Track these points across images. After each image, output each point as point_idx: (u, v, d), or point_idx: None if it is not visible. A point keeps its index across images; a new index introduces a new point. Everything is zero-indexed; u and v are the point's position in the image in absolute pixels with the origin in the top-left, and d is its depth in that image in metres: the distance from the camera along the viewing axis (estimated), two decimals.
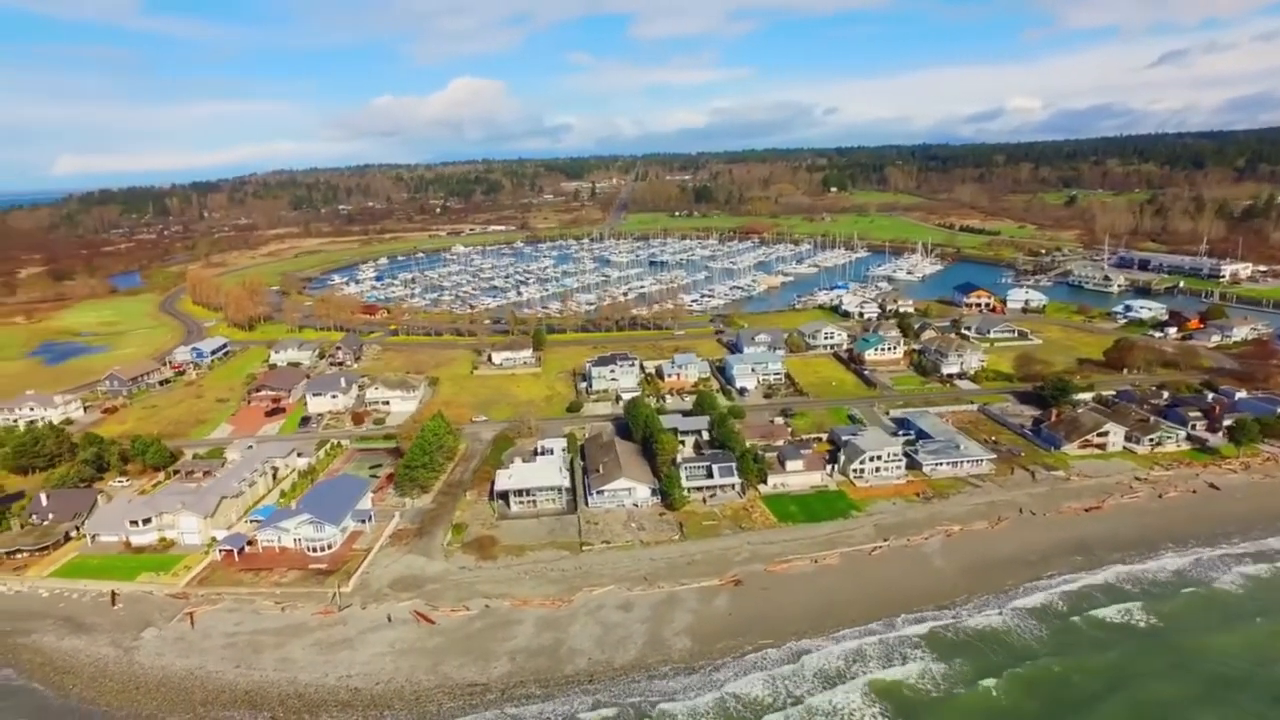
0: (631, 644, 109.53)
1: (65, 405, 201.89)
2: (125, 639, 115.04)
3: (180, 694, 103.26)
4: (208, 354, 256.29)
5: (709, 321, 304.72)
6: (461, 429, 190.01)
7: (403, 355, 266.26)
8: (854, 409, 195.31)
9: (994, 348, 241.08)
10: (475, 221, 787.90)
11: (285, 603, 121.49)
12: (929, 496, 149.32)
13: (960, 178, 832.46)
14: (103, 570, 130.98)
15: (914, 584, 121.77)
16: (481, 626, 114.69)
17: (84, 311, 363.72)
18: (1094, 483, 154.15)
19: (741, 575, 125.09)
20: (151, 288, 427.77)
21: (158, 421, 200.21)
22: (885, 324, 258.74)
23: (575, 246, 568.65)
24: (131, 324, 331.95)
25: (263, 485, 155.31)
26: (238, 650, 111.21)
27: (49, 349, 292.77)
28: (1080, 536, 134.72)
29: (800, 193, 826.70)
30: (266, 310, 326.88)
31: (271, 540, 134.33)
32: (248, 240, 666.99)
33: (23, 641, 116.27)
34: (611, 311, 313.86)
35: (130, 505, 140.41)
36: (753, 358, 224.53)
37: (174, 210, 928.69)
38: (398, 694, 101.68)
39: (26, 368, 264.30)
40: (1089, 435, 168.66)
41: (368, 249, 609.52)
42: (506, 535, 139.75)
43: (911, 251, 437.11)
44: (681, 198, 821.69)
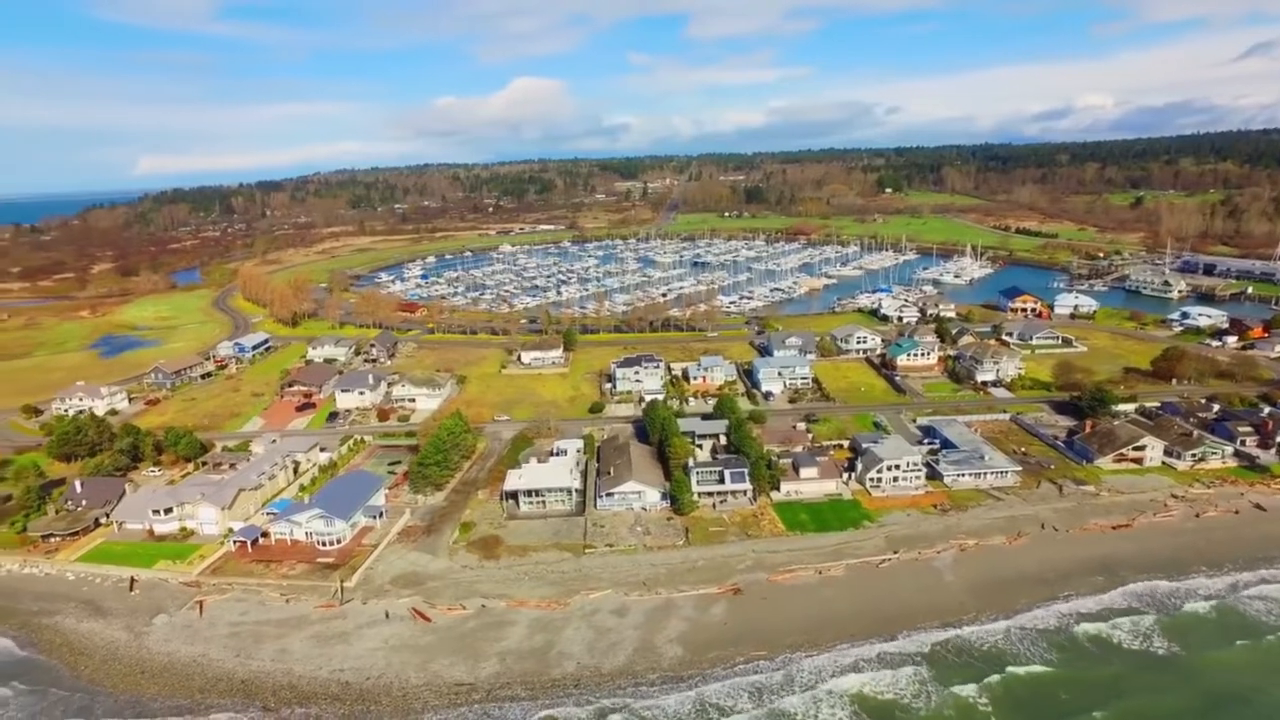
0: (622, 650, 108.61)
1: (111, 396, 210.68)
2: (138, 624, 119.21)
3: (181, 680, 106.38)
4: (249, 349, 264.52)
5: (744, 324, 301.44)
6: (483, 428, 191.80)
7: (436, 353, 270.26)
8: (880, 415, 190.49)
9: (1034, 355, 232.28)
10: (526, 221, 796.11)
11: (290, 595, 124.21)
12: (946, 508, 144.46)
13: (1021, 178, 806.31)
14: (126, 556, 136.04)
15: (920, 599, 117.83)
16: (475, 626, 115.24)
17: (143, 306, 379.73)
18: (1125, 499, 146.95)
19: (742, 584, 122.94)
20: (208, 284, 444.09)
21: (195, 414, 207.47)
22: (922, 329, 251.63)
23: (621, 246, 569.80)
24: (185, 319, 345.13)
25: (283, 479, 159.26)
26: (240, 640, 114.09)
27: (108, 342, 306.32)
28: (1104, 555, 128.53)
29: (853, 193, 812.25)
30: (311, 307, 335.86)
31: (284, 533, 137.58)
32: (304, 238, 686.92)
33: (47, 622, 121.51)
34: (647, 312, 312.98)
35: (154, 495, 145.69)
36: (779, 361, 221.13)
37: (238, 208, 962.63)
38: (385, 690, 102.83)
39: (85, 359, 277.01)
40: (1124, 449, 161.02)
41: (418, 247, 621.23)
42: (512, 535, 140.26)
43: (961, 254, 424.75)
44: (732, 198, 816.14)
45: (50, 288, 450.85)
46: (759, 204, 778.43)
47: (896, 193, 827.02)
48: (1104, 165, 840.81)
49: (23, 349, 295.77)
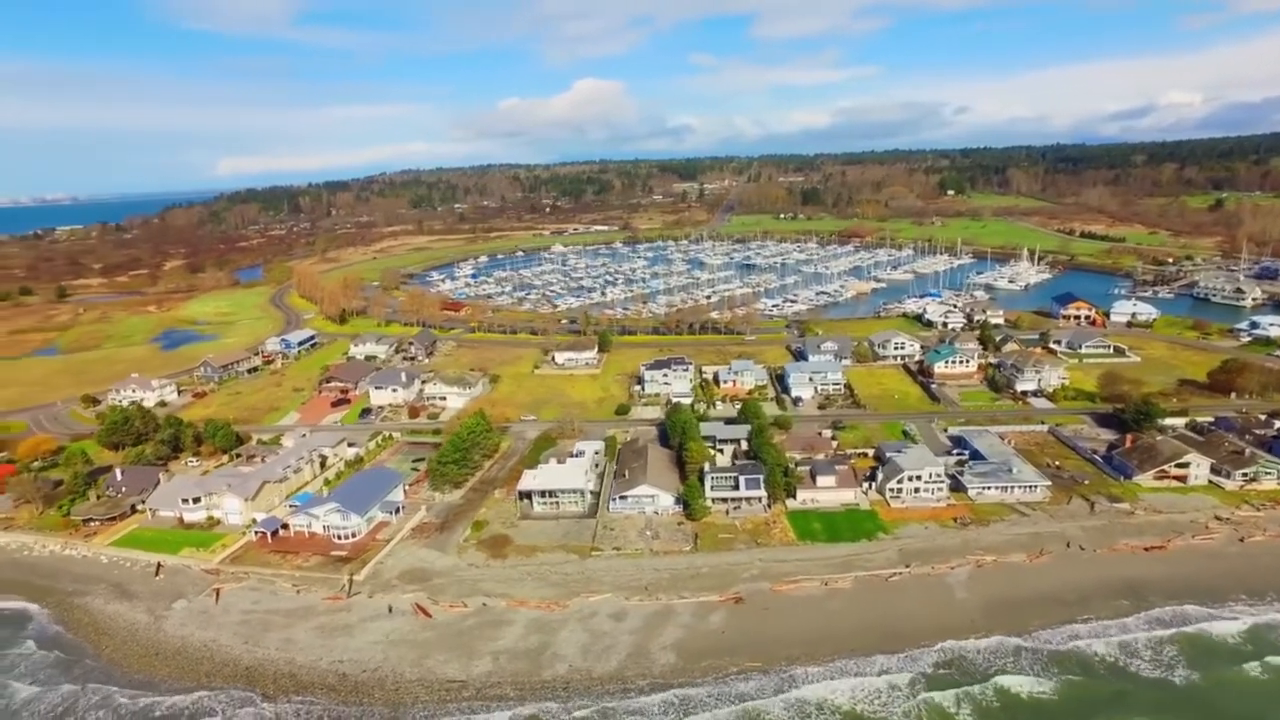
0: (615, 654, 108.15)
1: (161, 388, 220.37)
2: (159, 608, 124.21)
3: (190, 664, 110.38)
4: (295, 345, 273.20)
5: (785, 327, 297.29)
6: (508, 427, 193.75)
7: (474, 352, 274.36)
8: (910, 424, 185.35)
9: (1082, 364, 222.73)
10: (581, 221, 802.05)
11: (301, 586, 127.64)
12: (966, 522, 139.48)
13: (1091, 180, 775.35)
14: (155, 543, 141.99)
15: (927, 616, 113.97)
16: (474, 624, 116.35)
17: (205, 302, 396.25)
18: (1163, 519, 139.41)
19: (745, 593, 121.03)
20: (269, 281, 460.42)
21: (237, 407, 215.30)
22: (963, 335, 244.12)
23: (671, 248, 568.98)
24: (242, 315, 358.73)
25: (309, 472, 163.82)
26: (249, 627, 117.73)
27: (169, 336, 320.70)
28: (1132, 577, 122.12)
29: (913, 195, 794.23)
30: (360, 305, 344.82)
31: (302, 525, 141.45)
32: (364, 237, 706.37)
33: (78, 602, 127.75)
34: (688, 314, 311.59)
35: (184, 484, 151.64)
36: (810, 367, 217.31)
37: (305, 208, 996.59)
38: (379, 683, 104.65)
39: (147, 353, 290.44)
40: (1166, 465, 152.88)
41: (472, 246, 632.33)
42: (522, 535, 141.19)
43: (1017, 259, 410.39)
44: (788, 200, 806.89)
45: (125, 283, 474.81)
46: (815, 206, 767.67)
47: (959, 195, 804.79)
48: (1183, 165, 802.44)
49: (93, 341, 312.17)
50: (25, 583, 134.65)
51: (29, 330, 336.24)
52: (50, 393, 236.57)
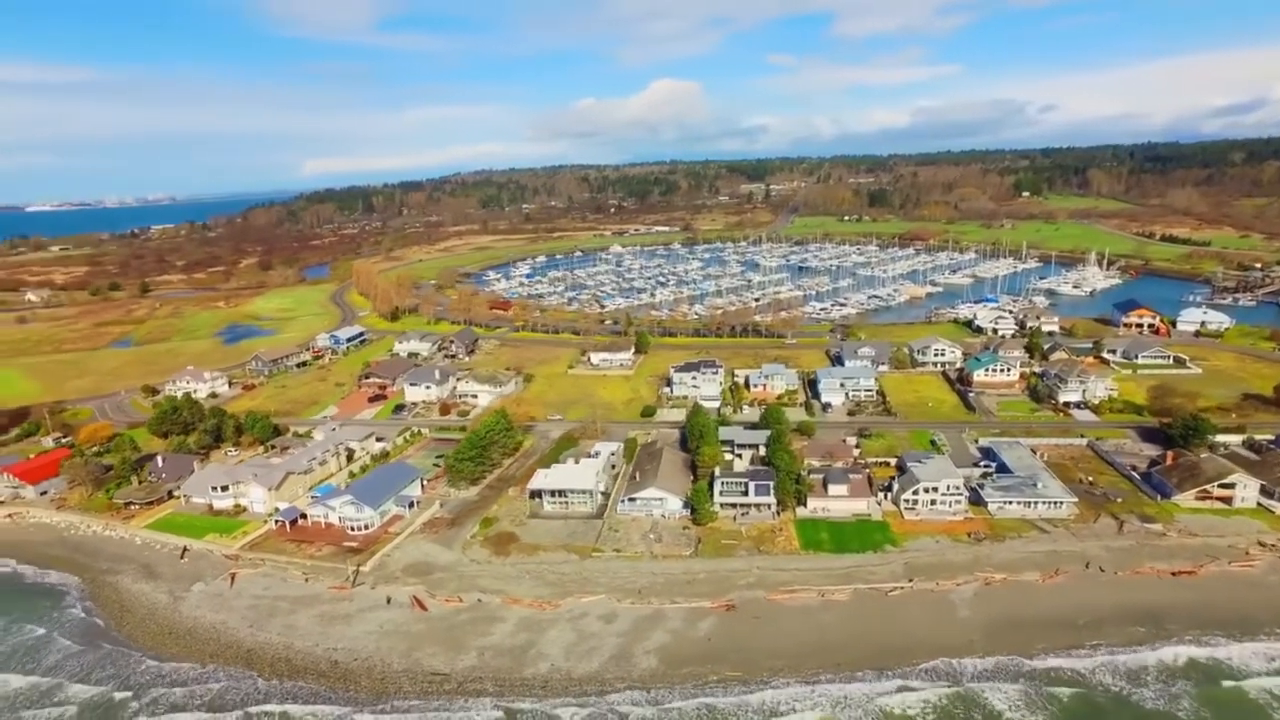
0: (598, 656, 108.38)
1: (213, 381, 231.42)
2: (179, 589, 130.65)
3: (198, 644, 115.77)
4: (344, 341, 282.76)
5: (829, 332, 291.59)
6: (533, 426, 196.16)
7: (515, 351, 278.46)
8: (940, 433, 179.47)
9: (1136, 375, 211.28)
10: (644, 222, 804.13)
11: (310, 574, 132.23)
12: (980, 537, 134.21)
13: (1181, 180, 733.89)
14: (185, 527, 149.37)
15: (923, 634, 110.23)
16: (467, 619, 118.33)
17: (271, 298, 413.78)
18: (1198, 542, 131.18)
19: (738, 600, 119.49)
20: (333, 279, 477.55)
21: (281, 400, 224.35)
22: (1009, 342, 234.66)
23: (729, 249, 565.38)
24: (303, 311, 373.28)
25: (334, 464, 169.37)
26: (257, 612, 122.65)
27: (232, 330, 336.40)
28: (1153, 603, 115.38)
29: (985, 197, 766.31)
30: (413, 302, 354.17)
31: (320, 516, 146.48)
32: (430, 236, 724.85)
33: (109, 580, 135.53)
34: (734, 317, 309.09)
35: (215, 473, 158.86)
36: (842, 372, 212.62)
37: (379, 207, 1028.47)
38: (368, 672, 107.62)
39: (209, 346, 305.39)
40: (1208, 485, 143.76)
41: (534, 246, 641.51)
42: (529, 534, 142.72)
43: (1084, 263, 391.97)
44: (854, 201, 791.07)
45: (202, 280, 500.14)
46: (882, 208, 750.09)
47: (1034, 196, 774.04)
48: None
49: (163, 335, 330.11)
50: (69, 559, 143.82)
51: (110, 323, 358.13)
52: (118, 382, 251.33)
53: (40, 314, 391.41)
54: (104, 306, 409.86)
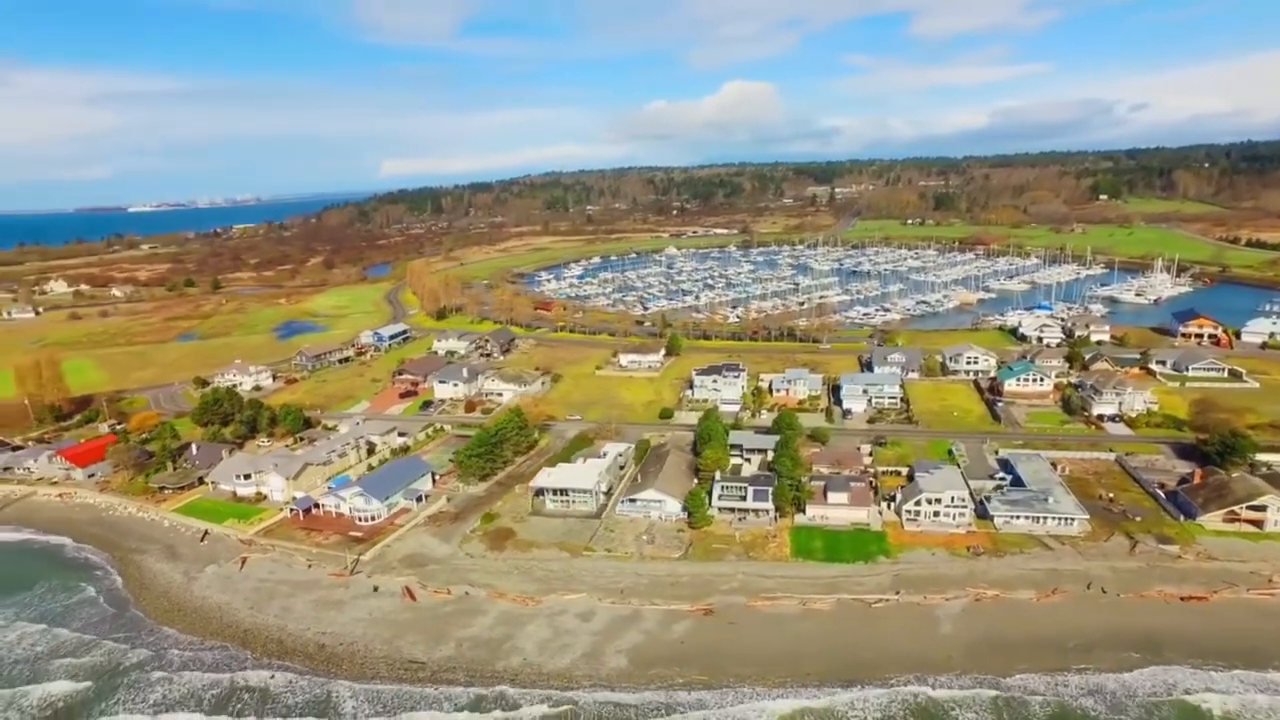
0: (569, 653, 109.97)
1: (257, 374, 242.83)
2: (194, 570, 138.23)
3: (202, 622, 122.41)
4: (386, 338, 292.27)
5: (868, 337, 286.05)
6: (551, 426, 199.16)
7: (549, 351, 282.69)
8: (960, 443, 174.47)
9: (1184, 388, 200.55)
10: (704, 224, 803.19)
11: (314, 561, 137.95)
12: (979, 552, 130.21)
13: None
14: (208, 512, 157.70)
15: (902, 648, 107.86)
16: (451, 611, 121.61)
17: (330, 296, 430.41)
18: (1216, 567, 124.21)
19: (718, 605, 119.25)
20: (391, 278, 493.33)
21: (319, 394, 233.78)
22: (1047, 352, 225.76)
23: (784, 252, 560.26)
24: (357, 308, 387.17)
25: (354, 457, 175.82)
26: (259, 595, 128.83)
27: (288, 326, 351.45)
28: (1154, 629, 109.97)
29: (1059, 200, 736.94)
30: (461, 301, 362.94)
31: (331, 506, 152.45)
32: (492, 237, 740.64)
33: (135, 558, 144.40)
34: (777, 320, 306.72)
35: (240, 462, 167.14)
36: (866, 379, 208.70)
37: (447, 208, 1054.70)
38: (350, 656, 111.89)
39: (264, 341, 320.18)
40: (1236, 506, 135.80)
41: (590, 248, 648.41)
42: (527, 530, 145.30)
43: (1152, 269, 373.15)
44: (919, 205, 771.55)
45: (270, 277, 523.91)
46: (947, 211, 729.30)
47: (1112, 200, 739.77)
48: None
49: (225, 330, 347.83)
50: (104, 537, 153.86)
51: (179, 318, 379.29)
52: (176, 374, 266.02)
53: (121, 308, 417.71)
54: (177, 302, 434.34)
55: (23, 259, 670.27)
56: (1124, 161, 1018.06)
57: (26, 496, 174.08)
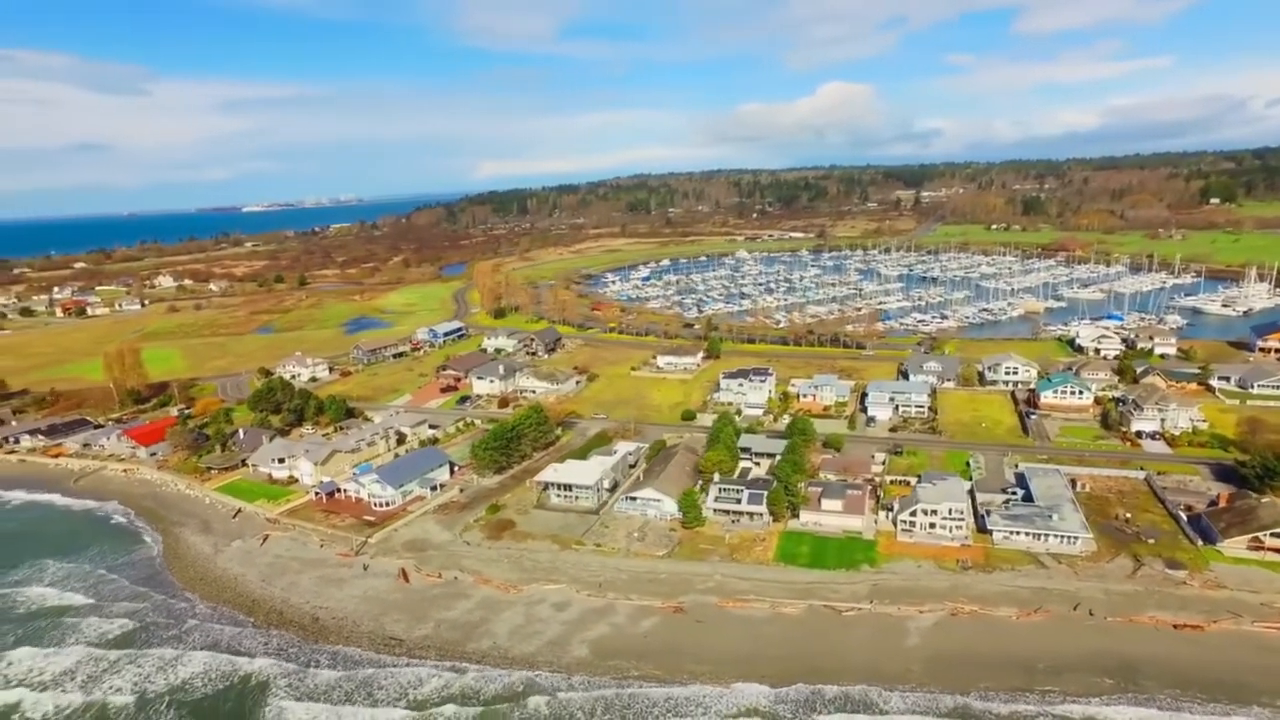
0: (537, 640, 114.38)
1: (314, 366, 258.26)
2: (222, 544, 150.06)
3: (217, 590, 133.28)
4: (441, 336, 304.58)
5: (916, 345, 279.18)
6: (576, 423, 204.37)
7: (593, 351, 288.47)
8: (980, 455, 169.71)
9: (1244, 405, 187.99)
10: (783, 227, 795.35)
11: (326, 541, 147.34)
12: (968, 566, 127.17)
13: None
14: (245, 492, 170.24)
15: (863, 657, 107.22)
16: (438, 594, 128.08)
17: (402, 294, 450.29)
18: (1224, 595, 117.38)
19: (689, 604, 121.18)
20: (464, 277, 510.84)
21: (368, 386, 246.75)
22: (1094, 363, 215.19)
23: (855, 257, 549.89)
24: (424, 306, 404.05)
25: (382, 446, 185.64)
26: (272, 569, 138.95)
27: (357, 322, 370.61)
28: (1136, 655, 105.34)
29: (1162, 204, 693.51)
30: (520, 301, 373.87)
31: (352, 491, 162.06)
32: (570, 238, 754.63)
33: (175, 530, 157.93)
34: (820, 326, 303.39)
35: (276, 447, 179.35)
36: (893, 387, 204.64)
37: (532, 209, 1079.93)
38: (338, 629, 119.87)
39: (332, 335, 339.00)
40: (1261, 532, 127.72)
41: (663, 250, 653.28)
42: (527, 522, 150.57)
43: (1245, 279, 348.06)
44: (1006, 209, 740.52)
45: (353, 275, 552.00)
46: (1036, 215, 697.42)
47: (1225, 204, 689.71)
48: None
49: (299, 324, 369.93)
50: (154, 509, 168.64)
51: (262, 311, 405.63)
52: (248, 363, 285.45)
53: (214, 301, 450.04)
54: (264, 296, 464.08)
55: (143, 255, 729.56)
56: (1249, 161, 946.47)
57: (99, 470, 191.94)
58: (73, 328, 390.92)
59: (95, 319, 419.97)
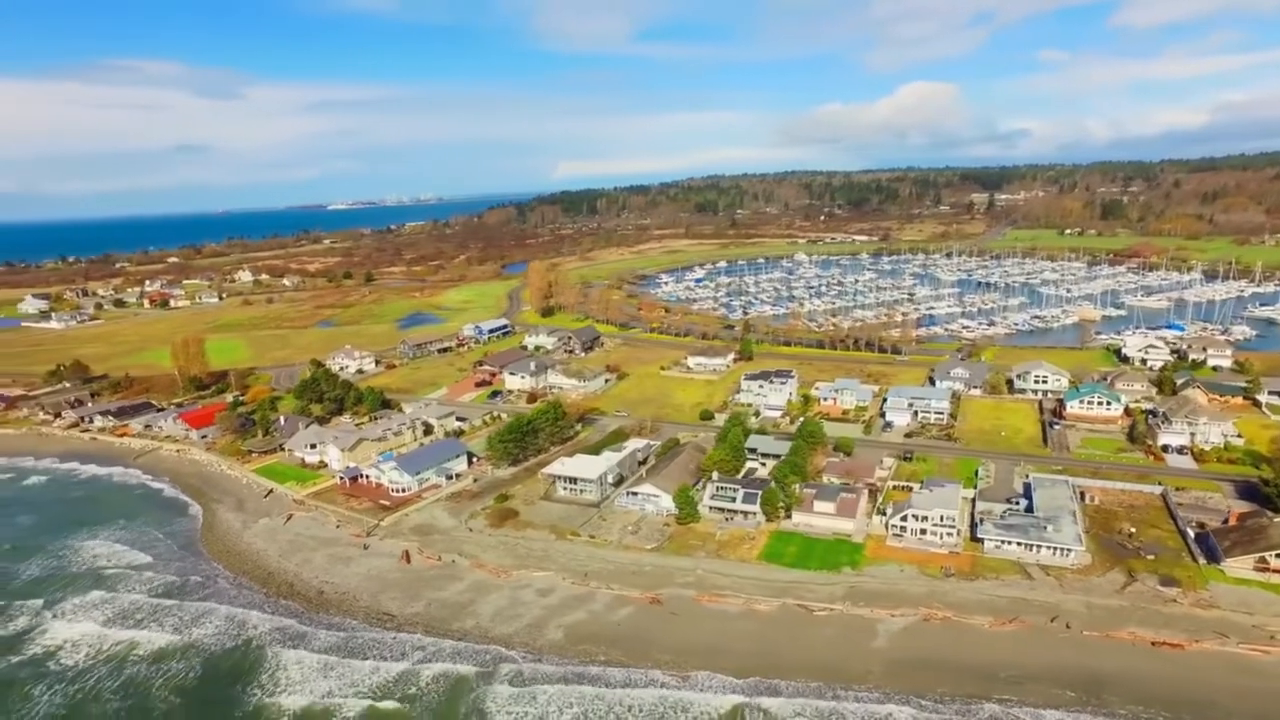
0: (515, 622, 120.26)
1: (361, 359, 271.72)
2: (250, 521, 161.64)
3: (240, 562, 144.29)
4: (485, 332, 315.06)
5: (955, 351, 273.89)
6: (598, 420, 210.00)
7: (630, 350, 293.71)
8: (991, 464, 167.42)
9: None
10: (848, 230, 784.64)
11: (343, 522, 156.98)
12: (950, 573, 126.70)
13: None
14: (279, 474, 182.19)
15: (826, 656, 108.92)
16: (435, 575, 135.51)
17: (461, 291, 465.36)
18: (1214, 616, 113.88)
19: (667, 596, 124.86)
20: (524, 276, 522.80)
21: (409, 379, 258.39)
22: (1130, 374, 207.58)
23: (916, 261, 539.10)
24: (479, 303, 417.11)
25: (409, 436, 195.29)
26: (290, 546, 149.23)
27: (412, 318, 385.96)
28: (1106, 671, 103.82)
29: (1261, 209, 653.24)
30: (568, 300, 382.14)
31: (372, 477, 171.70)
32: (634, 238, 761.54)
33: (213, 506, 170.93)
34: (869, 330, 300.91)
35: (309, 433, 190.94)
36: (912, 393, 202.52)
37: (601, 209, 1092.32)
38: (339, 603, 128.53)
39: (386, 330, 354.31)
40: (1268, 553, 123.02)
41: (723, 251, 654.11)
42: (531, 513, 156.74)
43: None
44: (1083, 213, 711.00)
45: (418, 272, 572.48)
46: (1115, 220, 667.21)
47: None
48: None
49: (358, 318, 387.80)
50: (198, 488, 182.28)
51: (327, 306, 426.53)
52: (304, 355, 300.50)
53: (285, 296, 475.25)
54: (331, 292, 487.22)
55: (229, 251, 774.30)
56: None
57: (155, 450, 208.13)
58: (156, 318, 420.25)
59: (177, 311, 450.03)
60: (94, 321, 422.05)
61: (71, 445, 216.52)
